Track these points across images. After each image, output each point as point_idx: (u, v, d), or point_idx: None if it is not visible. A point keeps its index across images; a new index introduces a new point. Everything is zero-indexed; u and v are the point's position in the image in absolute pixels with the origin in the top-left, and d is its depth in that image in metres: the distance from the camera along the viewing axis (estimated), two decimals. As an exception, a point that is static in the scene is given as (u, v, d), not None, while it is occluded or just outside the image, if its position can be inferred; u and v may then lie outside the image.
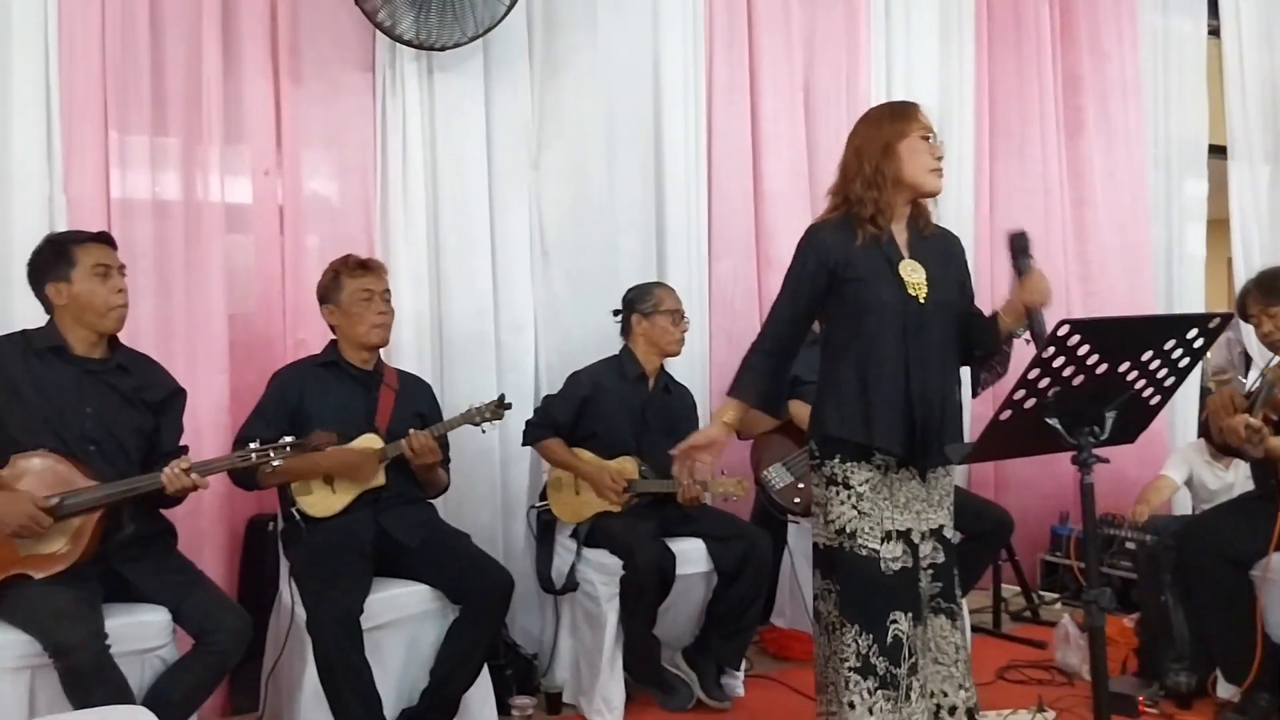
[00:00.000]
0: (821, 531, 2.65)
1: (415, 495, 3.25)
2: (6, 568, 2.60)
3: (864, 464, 2.58)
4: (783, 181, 4.57)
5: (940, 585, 2.64)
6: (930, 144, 2.56)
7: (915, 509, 2.61)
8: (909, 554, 2.58)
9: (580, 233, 4.17)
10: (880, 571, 2.54)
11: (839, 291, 2.59)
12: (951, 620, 2.65)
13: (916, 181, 2.57)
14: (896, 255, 2.60)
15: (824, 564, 2.66)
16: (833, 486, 2.60)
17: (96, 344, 2.80)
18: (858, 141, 2.62)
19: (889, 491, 2.59)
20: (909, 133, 2.55)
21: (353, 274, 3.22)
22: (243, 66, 3.56)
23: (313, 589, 2.92)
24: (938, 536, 2.65)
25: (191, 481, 2.66)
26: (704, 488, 3.45)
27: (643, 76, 4.29)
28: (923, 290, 2.58)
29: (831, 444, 2.61)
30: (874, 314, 2.56)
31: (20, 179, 3.21)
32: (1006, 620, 4.40)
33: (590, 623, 3.48)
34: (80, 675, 2.46)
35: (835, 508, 2.59)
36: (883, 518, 2.57)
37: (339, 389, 3.22)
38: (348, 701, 2.81)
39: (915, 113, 2.60)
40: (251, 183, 3.62)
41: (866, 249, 2.57)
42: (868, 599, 2.55)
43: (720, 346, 4.46)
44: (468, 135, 3.92)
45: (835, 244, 2.58)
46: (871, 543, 2.54)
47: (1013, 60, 5.20)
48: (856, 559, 2.55)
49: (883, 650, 2.53)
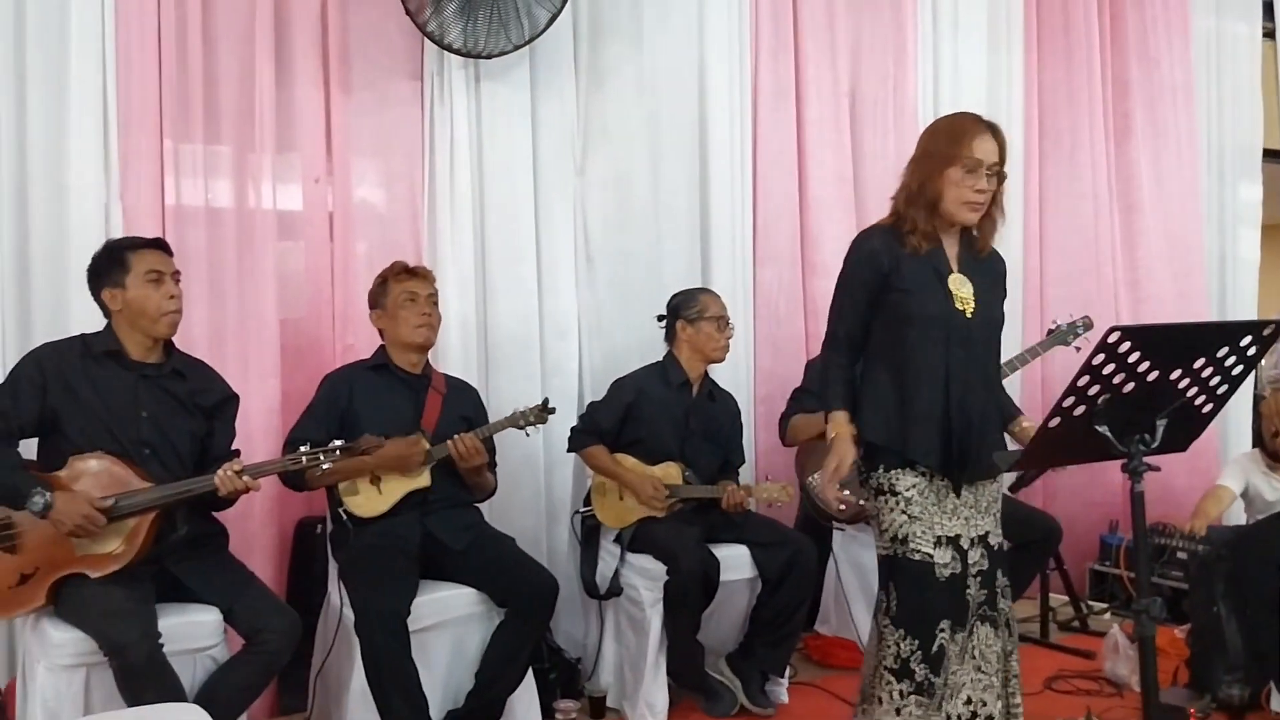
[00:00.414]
0: (879, 541, 2.67)
1: (461, 498, 3.28)
2: (63, 567, 2.65)
3: (909, 470, 2.59)
4: (828, 188, 4.56)
5: (986, 592, 2.63)
6: (976, 174, 2.53)
7: (964, 515, 2.61)
8: (958, 560, 2.58)
9: (625, 239, 4.19)
10: (935, 577, 2.55)
11: (884, 300, 2.61)
12: (995, 628, 2.63)
13: (949, 212, 2.57)
14: (946, 268, 2.61)
15: (882, 573, 2.68)
16: (881, 496, 2.63)
17: (151, 349, 2.86)
18: (918, 153, 2.64)
19: (936, 497, 2.60)
20: (957, 160, 2.53)
21: (398, 278, 3.29)
22: (294, 76, 3.62)
23: (361, 591, 2.96)
24: (984, 544, 2.64)
25: (244, 484, 2.70)
26: (748, 493, 3.45)
27: (688, 83, 4.30)
28: (970, 305, 2.60)
29: (876, 453, 2.62)
30: (917, 325, 2.57)
31: (77, 187, 3.28)
32: (1054, 630, 4.34)
33: (634, 628, 3.49)
34: (134, 673, 2.50)
35: (886, 515, 2.61)
36: (933, 522, 2.57)
37: (387, 392, 3.26)
38: (394, 702, 2.84)
39: (971, 139, 2.54)
40: (302, 190, 3.68)
41: (915, 260, 2.58)
42: (920, 605, 2.55)
43: (765, 353, 4.46)
44: (514, 143, 3.95)
45: (885, 251, 2.59)
46: (925, 547, 2.56)
47: (1062, 65, 5.15)
48: (911, 564, 2.56)
49: (926, 658, 2.53)
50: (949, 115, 2.75)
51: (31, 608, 2.68)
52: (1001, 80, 4.97)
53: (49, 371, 2.75)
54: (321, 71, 3.67)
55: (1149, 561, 3.64)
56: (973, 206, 2.56)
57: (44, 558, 2.66)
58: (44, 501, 2.57)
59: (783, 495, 3.44)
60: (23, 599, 2.67)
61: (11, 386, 2.74)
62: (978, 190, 2.54)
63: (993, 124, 2.59)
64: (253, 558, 3.31)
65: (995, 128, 2.59)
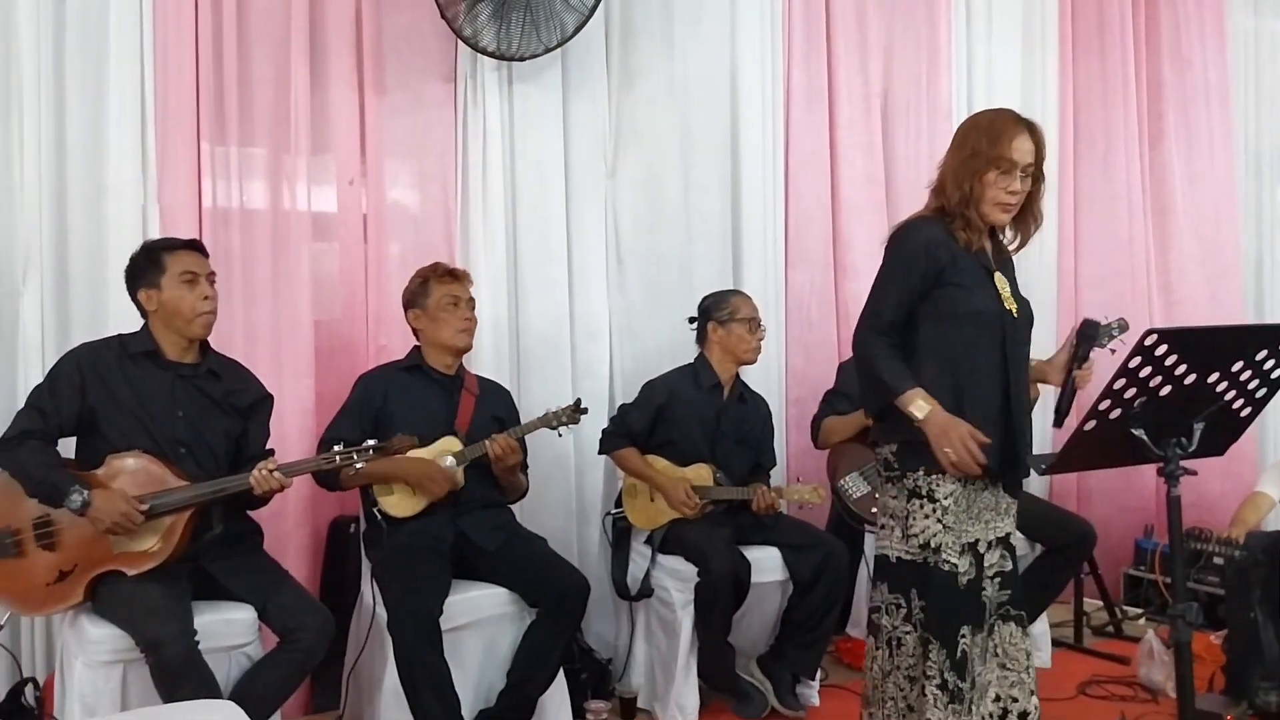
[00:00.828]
0: (899, 545, 2.59)
1: (494, 499, 3.30)
2: (100, 564, 2.69)
3: (948, 477, 2.51)
4: (859, 190, 4.55)
5: (1009, 593, 2.60)
6: (1011, 176, 2.50)
7: (985, 519, 2.58)
8: (973, 565, 2.55)
9: (655, 241, 4.20)
10: (957, 586, 2.52)
11: (936, 295, 2.53)
12: (1021, 626, 2.61)
13: (984, 213, 2.54)
14: (990, 265, 2.58)
15: (896, 577, 2.60)
16: (915, 499, 2.55)
17: (187, 349, 2.89)
18: (963, 154, 2.55)
19: (968, 504, 2.56)
20: (999, 163, 2.49)
21: (441, 280, 3.30)
22: (329, 79, 3.64)
23: (393, 590, 2.98)
24: (1004, 544, 2.62)
25: (278, 482, 2.73)
26: (779, 495, 3.45)
27: (720, 85, 4.30)
28: (1013, 304, 2.57)
29: (918, 454, 2.51)
30: (975, 323, 2.52)
31: (115, 188, 3.32)
32: (1088, 634, 4.30)
33: (665, 629, 3.49)
34: (170, 670, 2.53)
35: (919, 521, 2.54)
36: (963, 531, 2.54)
37: (421, 393, 3.28)
38: (427, 701, 2.85)
39: (1010, 139, 2.50)
40: (336, 192, 3.70)
41: (968, 256, 2.54)
42: (945, 613, 2.52)
43: (796, 355, 4.45)
44: (546, 145, 3.97)
45: (943, 243, 2.53)
46: (952, 557, 2.51)
47: (1096, 66, 5.10)
48: (939, 574, 2.52)
49: (952, 665, 2.50)
50: (990, 112, 2.68)
51: (70, 604, 2.71)
52: (1036, 81, 4.94)
53: (87, 372, 2.78)
54: (356, 74, 3.69)
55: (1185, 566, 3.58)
56: (1005, 208, 2.54)
57: (82, 555, 2.70)
58: (82, 499, 2.61)
59: (814, 497, 3.43)
60: (61, 595, 2.70)
61: (51, 386, 2.78)
62: (1010, 192, 2.51)
63: (1031, 123, 2.55)
64: (287, 556, 3.34)
65: (1034, 126, 2.55)
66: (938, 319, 2.54)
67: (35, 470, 2.67)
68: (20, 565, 2.71)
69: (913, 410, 2.44)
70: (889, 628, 2.61)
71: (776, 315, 4.33)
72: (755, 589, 3.42)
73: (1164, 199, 5.19)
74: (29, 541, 2.71)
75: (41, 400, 2.76)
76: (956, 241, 2.53)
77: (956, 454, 2.38)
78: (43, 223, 3.24)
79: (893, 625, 2.60)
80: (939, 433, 2.42)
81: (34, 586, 2.71)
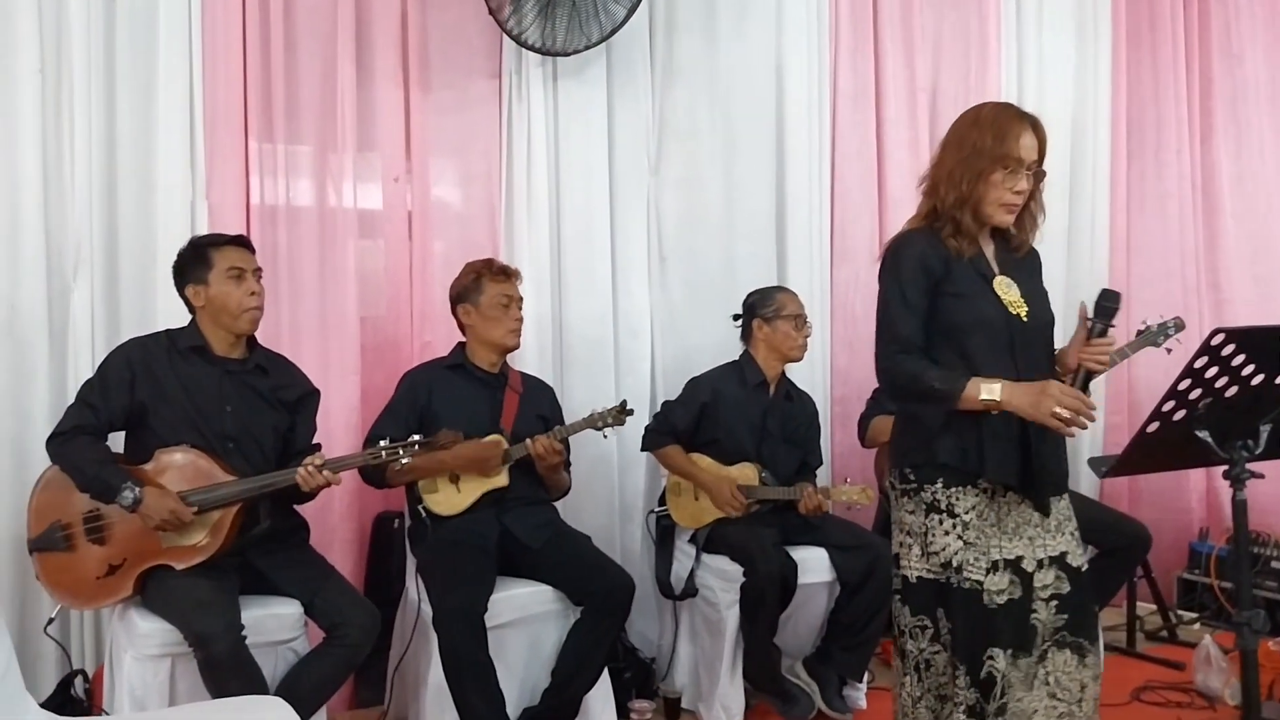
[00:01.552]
0: (918, 564, 2.43)
1: (538, 496, 3.28)
2: (150, 558, 2.71)
3: (970, 489, 2.37)
4: (906, 187, 4.47)
5: (1065, 617, 2.39)
6: (1017, 175, 2.36)
7: (1028, 534, 2.39)
8: (1017, 584, 2.36)
9: (698, 239, 4.17)
10: (983, 606, 2.35)
11: (936, 308, 2.40)
12: (1080, 656, 2.42)
13: (987, 214, 2.39)
14: (989, 271, 2.44)
15: (919, 598, 2.44)
16: (934, 514, 2.39)
17: (235, 344, 2.90)
18: (963, 152, 2.37)
19: (996, 517, 2.39)
20: (1005, 161, 2.34)
21: (495, 279, 3.29)
22: (374, 77, 3.65)
23: (438, 587, 2.97)
24: (1060, 564, 2.41)
25: (325, 478, 2.73)
26: (825, 496, 3.40)
27: (765, 81, 4.26)
28: (1022, 308, 2.42)
29: (933, 468, 2.40)
30: (979, 332, 2.38)
31: (164, 185, 3.33)
32: (1141, 639, 4.21)
33: (710, 629, 3.46)
34: (218, 664, 2.54)
35: (939, 538, 2.39)
36: (989, 546, 2.36)
37: (466, 391, 3.27)
38: (472, 698, 2.84)
39: (1016, 137, 2.35)
40: (382, 189, 3.71)
41: (960, 264, 2.40)
42: (970, 632, 2.37)
43: (840, 353, 4.41)
44: (590, 141, 3.95)
45: (933, 254, 2.39)
46: (976, 575, 2.36)
47: (1148, 60, 5.02)
48: (961, 592, 2.35)
49: (974, 682, 2.35)
50: (989, 106, 2.48)
51: (119, 598, 2.74)
52: (1089, 75, 4.84)
53: (137, 366, 2.80)
54: (401, 71, 3.69)
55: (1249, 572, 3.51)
56: (1010, 208, 2.39)
57: (131, 549, 2.71)
58: (133, 496, 2.62)
59: (862, 498, 3.37)
60: (111, 589, 2.73)
61: (101, 382, 2.80)
62: (1016, 191, 2.37)
63: (1034, 117, 2.42)
64: (332, 551, 3.35)
65: (1036, 121, 2.41)
66: (942, 335, 2.41)
67: (88, 466, 2.68)
68: (71, 559, 2.74)
69: (985, 397, 2.26)
70: (915, 651, 2.45)
71: (821, 313, 4.28)
72: (802, 590, 3.38)
73: (1212, 197, 5.09)
74: (79, 535, 2.73)
75: (92, 395, 2.78)
76: (948, 251, 2.39)
77: (1069, 413, 2.17)
78: (93, 220, 3.27)
79: (919, 649, 2.45)
80: (1031, 404, 2.22)
81: (84, 580, 2.73)
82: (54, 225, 3.22)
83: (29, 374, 3.18)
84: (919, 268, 2.37)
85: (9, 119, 3.16)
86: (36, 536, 2.75)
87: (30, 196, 3.17)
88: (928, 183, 2.45)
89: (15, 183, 3.16)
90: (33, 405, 3.17)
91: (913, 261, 2.38)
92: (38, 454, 2.95)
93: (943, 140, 2.47)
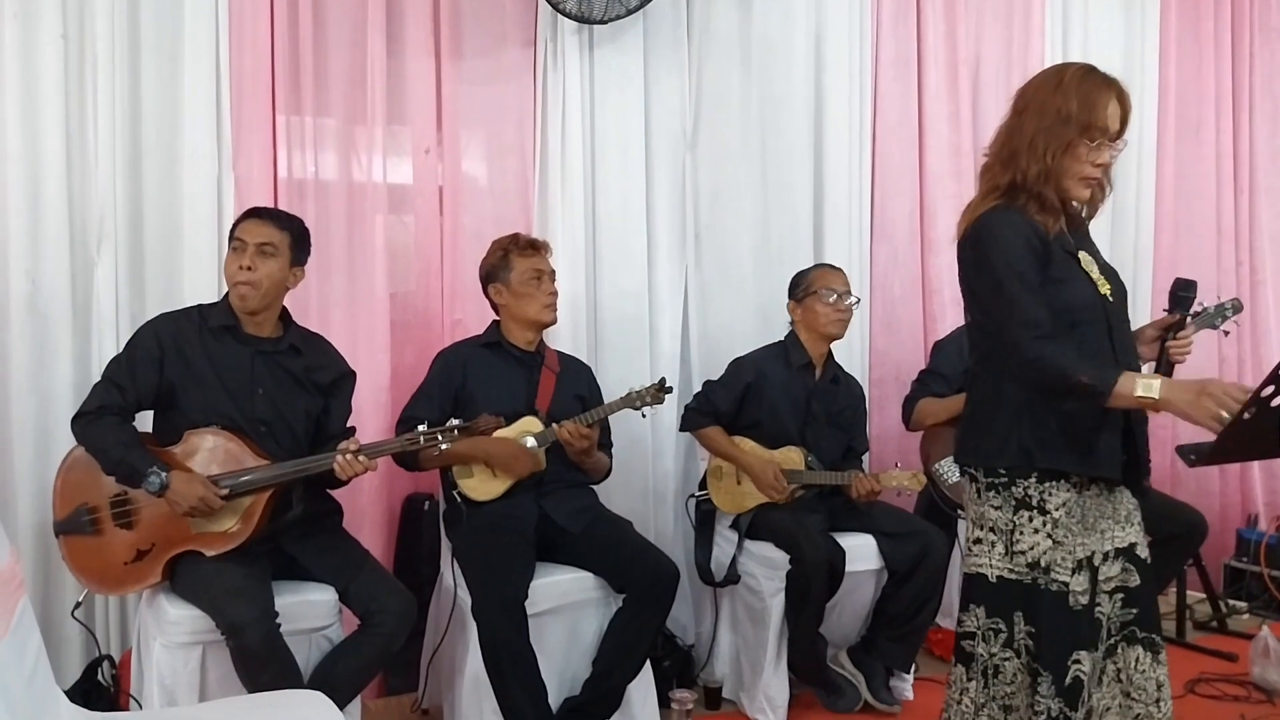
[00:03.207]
0: (1000, 562, 2.26)
1: (577, 479, 3.18)
2: (179, 544, 2.62)
3: (1063, 483, 2.21)
4: (945, 160, 4.36)
5: (1135, 611, 2.27)
6: (1102, 148, 2.17)
7: (1101, 528, 2.26)
8: (1090, 581, 2.24)
9: (734, 214, 4.05)
10: (1069, 607, 2.21)
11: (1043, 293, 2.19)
12: (1154, 653, 2.30)
13: (1066, 187, 2.22)
14: (1071, 247, 2.26)
15: (998, 600, 2.27)
16: (1024, 511, 2.22)
17: (259, 323, 2.79)
18: (1045, 120, 2.18)
19: (1081, 514, 2.23)
20: (1092, 132, 2.16)
21: (523, 253, 3.17)
22: (405, 47, 3.52)
23: (478, 574, 2.87)
24: (1129, 556, 2.28)
25: (362, 466, 2.64)
26: (876, 481, 3.28)
27: (804, 53, 4.12)
28: (1106, 286, 2.26)
29: (1028, 460, 2.21)
30: (1080, 317, 2.20)
31: (190, 157, 3.23)
32: (1189, 629, 4.11)
33: (752, 618, 3.36)
34: (252, 654, 2.45)
35: (1027, 536, 2.22)
36: (1075, 545, 2.21)
37: (502, 370, 3.17)
38: (512, 689, 2.75)
39: (1105, 109, 2.17)
40: (412, 163, 3.59)
41: (1053, 243, 2.22)
42: (1058, 637, 2.22)
43: (879, 333, 4.29)
44: (626, 113, 3.83)
45: (1033, 234, 2.20)
46: (1063, 575, 2.21)
47: (1190, 33, 4.86)
48: (1049, 595, 2.20)
49: (1059, 691, 2.21)
50: (1072, 68, 2.23)
51: (147, 584, 2.65)
52: (1136, 49, 4.70)
53: (166, 343, 2.71)
54: (433, 40, 3.57)
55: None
56: (1088, 182, 2.23)
57: (160, 535, 2.63)
58: (160, 481, 2.53)
59: (914, 484, 3.25)
60: (138, 575, 2.64)
61: (129, 359, 2.70)
62: (1099, 165, 2.21)
63: (1119, 84, 2.21)
64: (362, 533, 3.25)
65: (1122, 89, 2.22)
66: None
67: (113, 449, 2.59)
68: (98, 543, 2.65)
69: (1140, 394, 2.05)
70: (985, 656, 2.28)
71: (861, 292, 4.15)
72: (848, 578, 3.27)
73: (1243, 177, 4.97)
74: (106, 520, 2.65)
75: (119, 374, 2.69)
76: (1040, 230, 2.21)
77: (1232, 406, 1.96)
78: (117, 193, 3.16)
79: (989, 653, 2.29)
80: (1190, 404, 2.01)
81: (111, 565, 2.64)
82: (76, 197, 3.12)
83: (51, 352, 3.08)
84: (1027, 247, 2.17)
85: (31, 86, 3.04)
86: (63, 519, 2.67)
87: (52, 167, 3.06)
88: (1005, 151, 2.25)
89: (37, 153, 3.05)
90: (55, 384, 3.08)
91: (1020, 240, 2.18)
92: (61, 435, 2.89)
93: (1015, 105, 2.26)
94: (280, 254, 2.75)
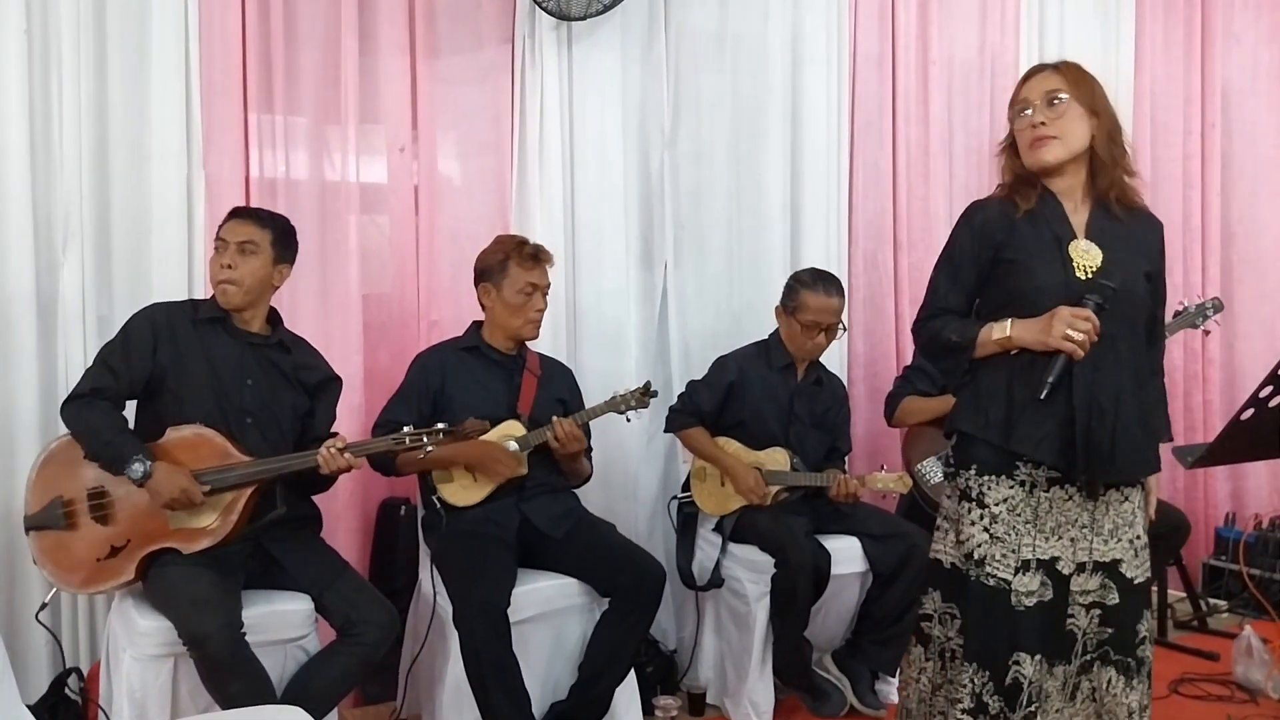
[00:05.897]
0: (951, 551, 2.35)
1: (558, 484, 3.12)
2: (155, 540, 2.56)
3: (1004, 479, 2.26)
4: (916, 161, 4.34)
5: (1110, 631, 2.27)
6: (1024, 115, 2.30)
7: (1069, 535, 2.26)
8: (1049, 587, 2.24)
9: (712, 214, 4.00)
10: (1009, 605, 2.23)
11: (992, 277, 2.32)
12: (1126, 677, 2.28)
13: (1025, 160, 2.33)
14: (1068, 234, 2.28)
15: (948, 585, 2.34)
16: (966, 502, 2.30)
17: (250, 320, 2.77)
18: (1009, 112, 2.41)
19: (1032, 514, 2.26)
20: (1012, 105, 2.35)
21: (524, 264, 3.08)
22: (379, 44, 3.46)
23: (458, 582, 2.81)
24: (1110, 573, 2.27)
25: (346, 462, 2.59)
26: (861, 483, 3.25)
27: (781, 50, 4.08)
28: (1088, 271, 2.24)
29: (971, 450, 2.31)
30: (1028, 300, 2.24)
31: (159, 154, 3.15)
32: (1170, 628, 4.10)
33: (737, 622, 3.31)
34: (216, 665, 2.39)
35: (966, 528, 2.29)
36: (1020, 544, 2.24)
37: (481, 374, 3.11)
38: (496, 699, 2.68)
39: (1024, 84, 2.35)
40: (387, 162, 3.52)
41: (1030, 225, 2.28)
42: (991, 635, 2.25)
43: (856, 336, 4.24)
44: (605, 111, 3.77)
45: (998, 220, 2.31)
46: (1002, 572, 2.23)
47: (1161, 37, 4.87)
48: (983, 589, 2.24)
49: (998, 689, 2.23)
50: None
51: (120, 582, 2.58)
52: (1111, 53, 4.70)
53: (160, 329, 2.69)
54: (408, 37, 3.50)
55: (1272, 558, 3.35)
56: (1033, 144, 2.29)
57: (136, 530, 2.57)
58: (143, 469, 2.49)
59: (899, 486, 3.21)
60: (112, 572, 2.57)
61: (124, 343, 2.67)
62: (1032, 126, 2.27)
63: (1037, 65, 2.39)
64: (336, 538, 3.20)
65: (1037, 68, 2.37)
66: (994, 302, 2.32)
67: (105, 432, 2.55)
68: (71, 538, 2.58)
69: (996, 336, 2.24)
70: (942, 638, 2.34)
71: (839, 292, 4.12)
72: (833, 581, 3.23)
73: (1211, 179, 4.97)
74: (82, 513, 2.58)
75: (113, 357, 2.65)
76: (1017, 212, 2.29)
77: (1079, 334, 2.13)
78: (83, 191, 3.07)
79: (946, 636, 2.33)
80: (1041, 330, 2.18)
81: (83, 561, 2.58)
82: (41, 195, 3.03)
83: (16, 352, 3.00)
84: (978, 233, 2.34)
85: (-7, 80, 2.95)
86: (35, 513, 2.59)
87: (16, 164, 2.98)
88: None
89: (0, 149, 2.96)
90: (19, 384, 2.99)
91: (965, 231, 2.37)
92: (26, 434, 2.86)
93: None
94: (262, 252, 2.74)
